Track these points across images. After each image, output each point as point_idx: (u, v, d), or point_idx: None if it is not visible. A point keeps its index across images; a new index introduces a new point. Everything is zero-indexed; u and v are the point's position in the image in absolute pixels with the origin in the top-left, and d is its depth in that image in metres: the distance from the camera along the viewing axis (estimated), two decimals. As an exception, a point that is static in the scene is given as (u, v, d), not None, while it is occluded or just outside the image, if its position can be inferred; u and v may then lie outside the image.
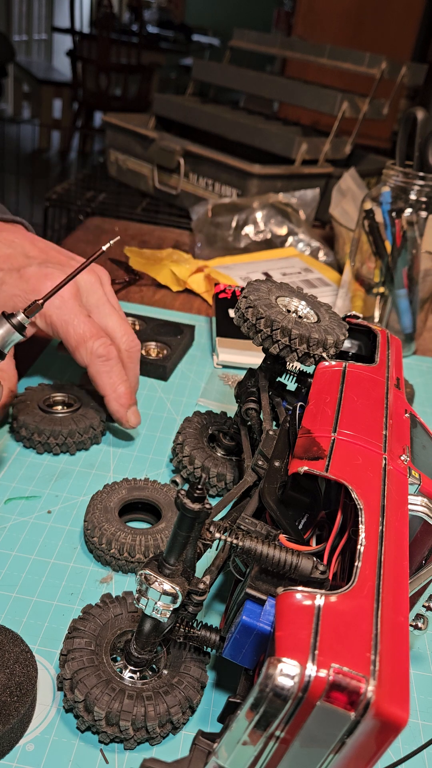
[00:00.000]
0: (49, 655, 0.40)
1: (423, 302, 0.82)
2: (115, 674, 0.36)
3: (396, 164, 0.78)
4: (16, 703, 0.34)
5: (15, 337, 0.43)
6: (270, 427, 0.45)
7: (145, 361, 0.69)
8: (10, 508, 0.50)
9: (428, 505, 0.36)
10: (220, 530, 0.32)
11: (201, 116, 1.37)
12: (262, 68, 2.28)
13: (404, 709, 0.25)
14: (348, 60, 1.35)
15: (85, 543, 0.48)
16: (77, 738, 0.36)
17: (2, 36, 4.41)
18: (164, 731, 0.36)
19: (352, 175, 1.14)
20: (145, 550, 0.45)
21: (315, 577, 0.31)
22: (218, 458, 0.55)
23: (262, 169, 1.17)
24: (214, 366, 0.75)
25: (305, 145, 1.23)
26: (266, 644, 0.32)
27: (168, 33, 5.63)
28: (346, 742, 0.25)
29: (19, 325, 0.43)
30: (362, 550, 0.30)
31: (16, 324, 0.42)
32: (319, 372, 0.44)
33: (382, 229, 0.79)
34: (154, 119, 1.50)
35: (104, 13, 3.90)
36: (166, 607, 0.33)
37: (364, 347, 0.52)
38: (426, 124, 0.76)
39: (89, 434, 0.56)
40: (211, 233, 1.07)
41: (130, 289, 0.90)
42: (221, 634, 0.37)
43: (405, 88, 2.12)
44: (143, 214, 1.31)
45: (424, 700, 0.42)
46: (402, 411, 0.42)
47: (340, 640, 0.26)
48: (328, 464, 0.34)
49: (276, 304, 0.46)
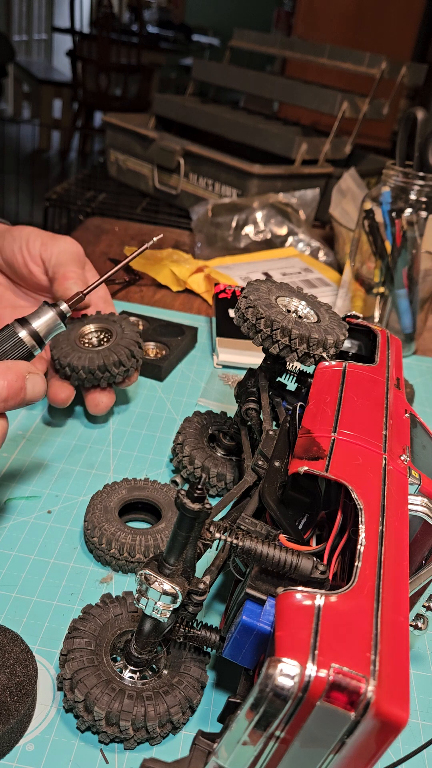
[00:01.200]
0: (49, 655, 0.40)
1: (423, 302, 0.82)
2: (115, 674, 0.36)
3: (396, 164, 0.78)
4: (16, 703, 0.34)
5: (59, 326, 0.43)
6: (270, 427, 0.45)
7: (143, 361, 0.69)
8: (10, 508, 0.50)
9: (428, 505, 0.36)
10: (220, 530, 0.32)
11: (201, 116, 1.37)
12: (262, 68, 2.28)
13: (404, 709, 0.25)
14: (348, 60, 1.35)
15: (85, 543, 0.48)
16: (77, 738, 0.36)
17: (2, 36, 4.41)
18: (164, 731, 0.36)
19: (352, 175, 1.14)
20: (145, 550, 0.45)
21: (315, 577, 0.31)
22: (218, 458, 0.55)
23: (262, 169, 1.17)
24: (214, 366, 0.75)
25: (305, 145, 1.23)
26: (266, 644, 0.32)
27: (168, 33, 5.63)
28: (346, 742, 0.25)
29: (62, 314, 0.42)
30: (362, 550, 0.30)
31: (59, 312, 0.42)
32: (319, 372, 0.44)
33: (382, 229, 0.79)
34: (154, 119, 1.50)
35: (104, 13, 3.90)
36: (166, 607, 0.33)
37: (364, 347, 0.52)
38: (426, 124, 0.76)
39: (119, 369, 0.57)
40: (211, 233, 1.07)
41: (130, 289, 0.90)
42: (221, 634, 0.37)
43: (405, 88, 2.12)
44: (143, 214, 1.31)
45: (424, 700, 0.42)
46: (402, 411, 0.42)
47: (340, 640, 0.26)
48: (328, 464, 0.34)
49: (276, 304, 0.46)
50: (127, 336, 0.59)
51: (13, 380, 0.41)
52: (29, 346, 0.42)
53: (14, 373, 0.41)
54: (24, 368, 0.42)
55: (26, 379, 0.42)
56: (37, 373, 0.43)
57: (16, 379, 0.41)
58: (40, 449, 0.56)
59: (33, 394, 0.42)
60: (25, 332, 0.42)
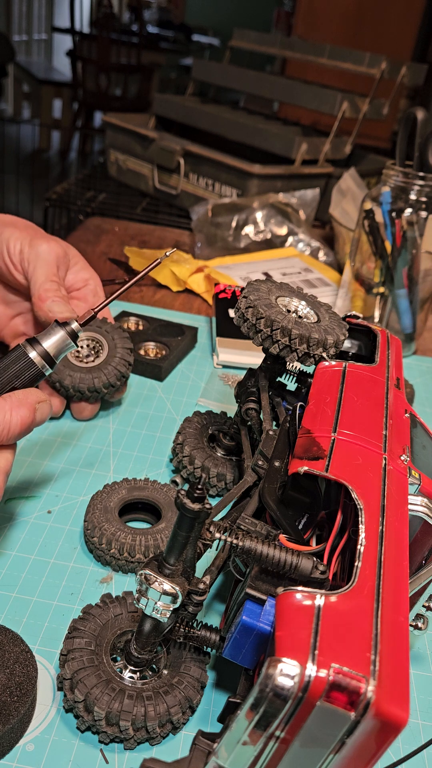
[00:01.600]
0: (49, 655, 0.40)
1: (423, 302, 0.82)
2: (115, 674, 0.36)
3: (396, 164, 0.78)
4: (16, 703, 0.34)
5: (69, 346, 0.42)
6: (270, 427, 0.45)
7: (142, 361, 0.69)
8: (10, 508, 0.50)
9: (428, 505, 0.36)
10: (220, 530, 0.32)
11: (201, 116, 1.37)
12: (262, 68, 2.28)
13: (404, 709, 0.25)
14: (348, 60, 1.35)
15: (85, 543, 0.48)
16: (77, 738, 0.36)
17: (2, 36, 4.41)
18: (164, 731, 0.36)
19: (352, 175, 1.14)
20: (145, 550, 0.45)
21: (315, 577, 0.31)
22: (218, 458, 0.55)
23: (262, 169, 1.17)
24: (214, 366, 0.75)
25: (305, 145, 1.23)
26: (266, 644, 0.32)
27: (168, 33, 5.62)
28: (346, 742, 0.25)
29: (73, 334, 0.42)
30: (362, 550, 0.30)
31: (70, 332, 0.42)
32: (319, 372, 0.44)
33: (382, 229, 0.79)
34: (154, 119, 1.50)
35: (104, 13, 3.90)
36: (166, 607, 0.33)
37: (364, 347, 0.52)
38: (426, 124, 0.76)
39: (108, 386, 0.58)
40: (211, 233, 1.07)
41: (130, 289, 0.90)
42: (221, 634, 0.37)
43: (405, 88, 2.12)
44: (143, 214, 1.31)
45: (424, 700, 0.42)
46: (402, 411, 0.42)
47: (340, 640, 0.26)
48: (328, 464, 0.34)
49: (276, 304, 0.46)
50: (119, 353, 0.60)
51: (25, 416, 0.41)
52: (40, 366, 0.42)
53: (27, 408, 0.41)
54: (34, 399, 0.42)
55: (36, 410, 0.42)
56: (45, 400, 0.43)
57: (28, 414, 0.41)
58: (40, 449, 0.56)
59: (40, 420, 0.43)
60: (36, 353, 0.42)
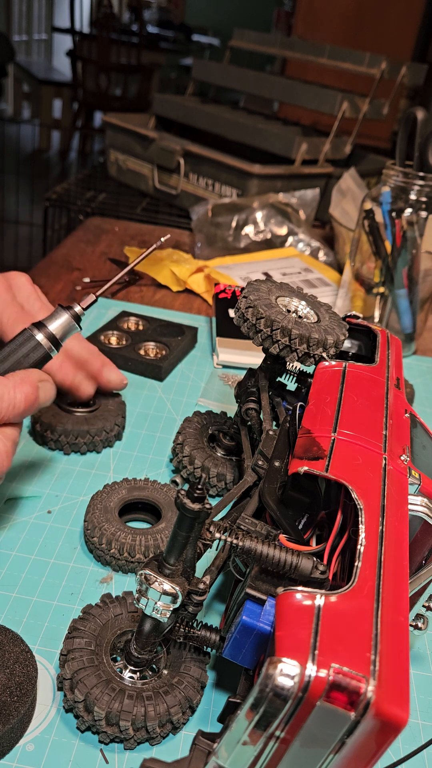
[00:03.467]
0: (49, 655, 0.40)
1: (423, 302, 0.82)
2: (115, 674, 0.36)
3: (396, 164, 0.78)
4: (16, 703, 0.34)
5: (74, 328, 0.44)
6: (270, 427, 0.45)
7: (142, 361, 0.69)
8: (10, 508, 0.50)
9: (428, 505, 0.36)
10: (220, 530, 0.32)
11: (201, 116, 1.37)
12: (262, 68, 2.28)
13: (404, 709, 0.25)
14: (348, 60, 1.35)
15: (85, 543, 0.48)
16: (77, 738, 0.36)
17: (2, 36, 4.41)
18: (164, 731, 0.36)
19: (352, 175, 1.14)
20: (145, 550, 0.45)
21: (315, 577, 0.31)
22: (218, 458, 0.55)
23: (262, 169, 1.17)
24: (214, 366, 0.75)
25: (305, 145, 1.23)
26: (266, 644, 0.32)
27: (168, 33, 5.63)
28: (346, 742, 0.25)
29: (77, 317, 0.44)
30: (362, 550, 0.30)
31: (74, 315, 0.44)
32: (319, 372, 0.44)
33: (382, 229, 0.79)
34: (154, 119, 1.50)
35: (104, 13, 3.90)
36: (166, 607, 0.33)
37: (364, 347, 0.52)
38: (426, 124, 0.76)
39: (101, 436, 0.57)
40: (211, 233, 1.07)
41: (130, 289, 0.90)
42: (221, 634, 0.37)
43: (405, 88, 2.12)
44: (143, 214, 1.31)
45: (424, 700, 0.42)
46: (402, 411, 0.42)
47: (340, 640, 0.26)
48: (328, 464, 0.34)
49: (276, 304, 0.46)
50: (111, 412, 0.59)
51: (29, 392, 0.42)
52: (46, 348, 0.44)
53: (29, 385, 0.43)
54: (36, 377, 0.43)
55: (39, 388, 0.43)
56: (47, 379, 0.45)
57: (31, 391, 0.43)
58: (40, 449, 0.56)
59: (44, 399, 0.44)
60: (42, 335, 0.44)
